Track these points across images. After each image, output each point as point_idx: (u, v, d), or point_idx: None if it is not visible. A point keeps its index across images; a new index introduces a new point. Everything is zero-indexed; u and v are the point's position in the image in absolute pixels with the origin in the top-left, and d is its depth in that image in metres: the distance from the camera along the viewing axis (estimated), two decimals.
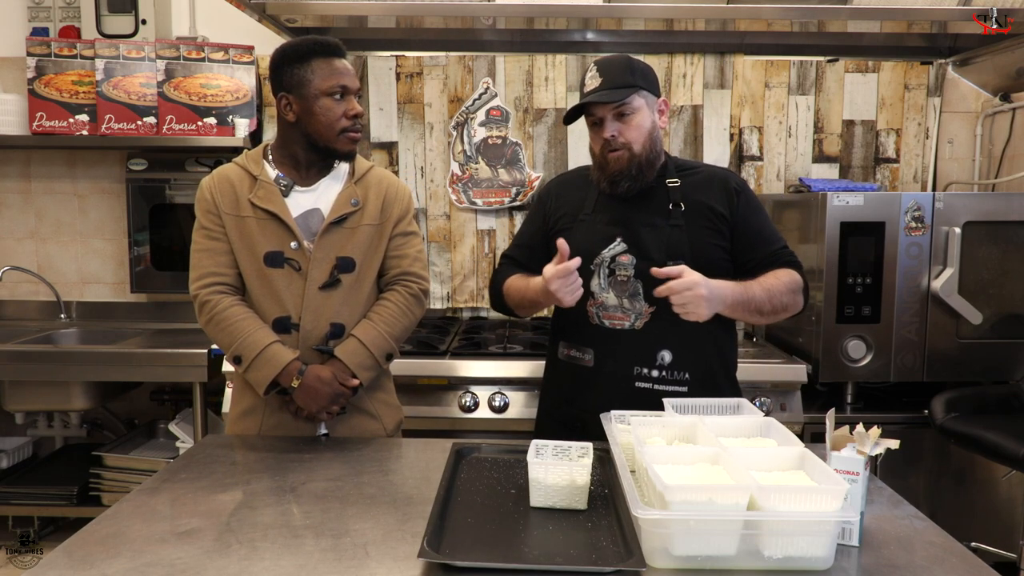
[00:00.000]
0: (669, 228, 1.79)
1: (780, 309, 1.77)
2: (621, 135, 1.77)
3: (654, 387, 1.78)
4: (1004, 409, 2.53)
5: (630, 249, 1.80)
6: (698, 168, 1.91)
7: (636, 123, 1.77)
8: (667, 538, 1.15)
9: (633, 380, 1.79)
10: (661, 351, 1.79)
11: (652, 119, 1.81)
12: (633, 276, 1.79)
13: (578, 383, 1.86)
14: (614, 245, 1.81)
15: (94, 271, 3.40)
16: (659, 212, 1.81)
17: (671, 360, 1.79)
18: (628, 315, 1.80)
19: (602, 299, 1.81)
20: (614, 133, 1.77)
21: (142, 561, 1.18)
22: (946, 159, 3.27)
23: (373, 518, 1.35)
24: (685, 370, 1.79)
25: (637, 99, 1.77)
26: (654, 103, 1.82)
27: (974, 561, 1.22)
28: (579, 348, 1.87)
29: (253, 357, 1.75)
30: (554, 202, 1.96)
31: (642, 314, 1.79)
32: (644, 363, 1.79)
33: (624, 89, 1.75)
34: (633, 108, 1.77)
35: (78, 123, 3.11)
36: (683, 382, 1.79)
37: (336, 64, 1.77)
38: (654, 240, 1.78)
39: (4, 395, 2.92)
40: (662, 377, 1.79)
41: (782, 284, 1.76)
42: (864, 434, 1.28)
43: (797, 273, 1.82)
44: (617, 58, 1.83)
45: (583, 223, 1.87)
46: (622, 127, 1.77)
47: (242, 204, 1.79)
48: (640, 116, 1.78)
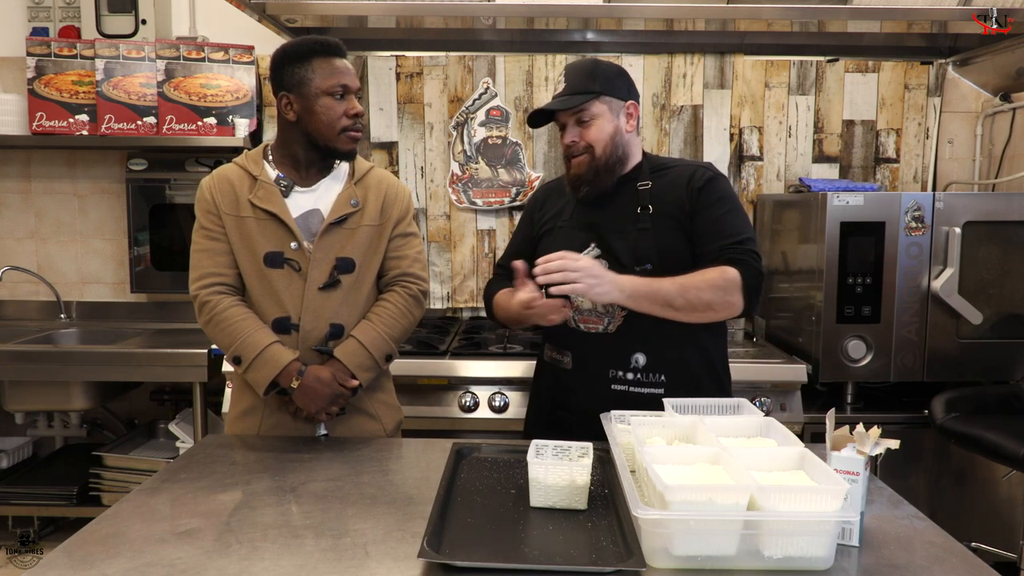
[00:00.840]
0: (636, 232, 1.78)
1: (701, 307, 1.68)
2: (581, 139, 1.80)
3: (629, 389, 1.79)
4: (1004, 409, 2.53)
5: (603, 254, 1.80)
6: (672, 166, 1.87)
7: (597, 127, 1.79)
8: (667, 538, 1.15)
9: (609, 382, 1.80)
10: (635, 354, 1.79)
11: (615, 124, 1.81)
12: None
13: (560, 385, 1.89)
14: (589, 251, 1.81)
15: (94, 271, 3.40)
16: (628, 217, 1.81)
17: (645, 362, 1.79)
18: (602, 319, 1.80)
19: (577, 303, 1.82)
20: (574, 139, 1.81)
21: (142, 561, 1.18)
22: (946, 159, 3.27)
23: (373, 518, 1.35)
24: (661, 372, 1.78)
25: (597, 105, 1.78)
26: (619, 107, 1.82)
27: (974, 561, 1.22)
28: (559, 351, 1.89)
29: (253, 357, 1.75)
30: (540, 209, 1.99)
31: (615, 317, 1.79)
32: (619, 366, 1.80)
33: (581, 96, 1.78)
34: (591, 114, 1.79)
35: (78, 123, 3.11)
36: (659, 384, 1.78)
37: (336, 63, 1.77)
38: (622, 245, 1.78)
39: (4, 395, 2.92)
40: (637, 379, 1.79)
41: (704, 281, 1.67)
42: (864, 434, 1.28)
43: (737, 271, 1.68)
44: (582, 64, 1.85)
45: (561, 229, 1.89)
46: (582, 132, 1.80)
47: (242, 204, 1.79)
48: (600, 121, 1.79)
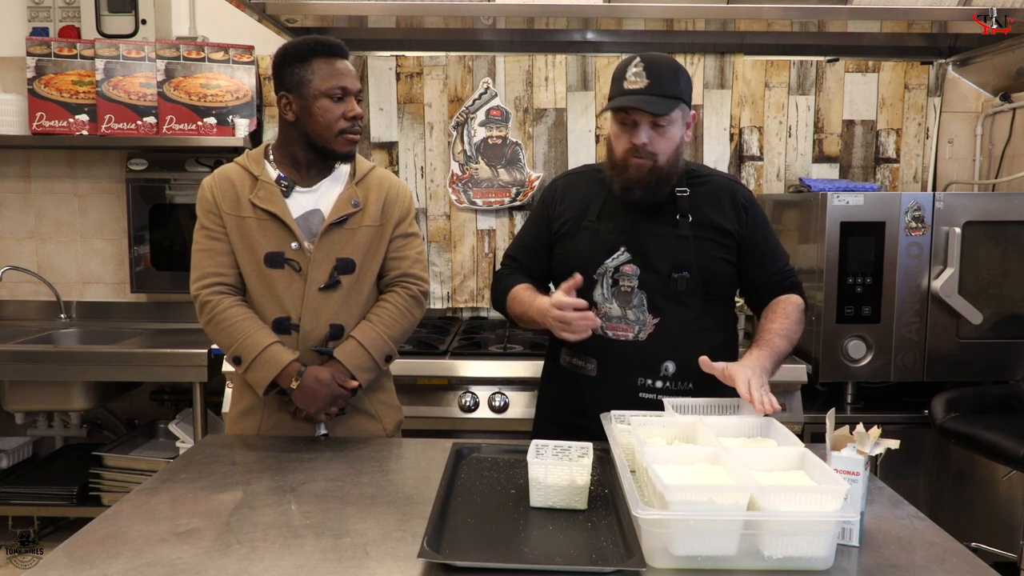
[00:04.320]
0: (676, 239, 1.75)
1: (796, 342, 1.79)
2: (652, 144, 1.69)
3: (658, 397, 1.74)
4: (1004, 409, 2.53)
5: (634, 259, 1.76)
6: (706, 176, 1.85)
7: (669, 136, 1.70)
8: (667, 538, 1.15)
9: (637, 391, 1.77)
10: (665, 362, 1.76)
11: (682, 132, 1.74)
12: (637, 287, 1.76)
13: (580, 391, 1.83)
14: (618, 255, 1.77)
15: (94, 271, 3.40)
16: (667, 222, 1.77)
17: (675, 370, 1.76)
18: (632, 326, 1.77)
19: (605, 310, 1.77)
20: (646, 141, 1.68)
21: (142, 561, 1.18)
22: (946, 159, 3.27)
23: (373, 518, 1.35)
24: (689, 380, 1.76)
25: (676, 112, 1.69)
26: (687, 115, 1.74)
27: (974, 561, 1.22)
28: (582, 357, 1.83)
29: (253, 358, 1.75)
30: (559, 204, 1.89)
31: (646, 325, 1.76)
32: (648, 374, 1.77)
33: (671, 100, 1.67)
34: (671, 120, 1.69)
35: (78, 123, 3.11)
36: (687, 392, 1.76)
37: (337, 65, 1.76)
38: (659, 251, 1.75)
39: (4, 395, 2.92)
40: (666, 388, 1.77)
41: (793, 323, 1.77)
42: (864, 434, 1.28)
43: (799, 297, 1.83)
44: (666, 61, 1.71)
45: (587, 230, 1.82)
46: (655, 136, 1.69)
47: (243, 204, 1.79)
48: (674, 129, 1.71)
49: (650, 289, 1.75)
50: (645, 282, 1.75)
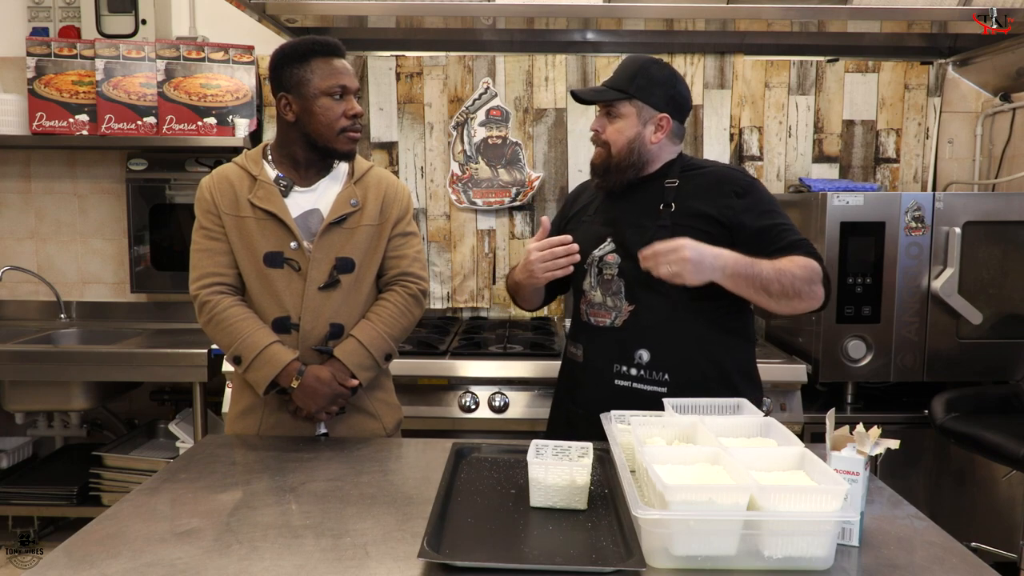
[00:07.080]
0: (655, 228, 1.76)
1: (793, 294, 1.65)
2: (604, 133, 1.82)
3: (633, 385, 1.79)
4: (1004, 409, 2.53)
5: (617, 249, 1.82)
6: (702, 167, 1.86)
7: (618, 127, 1.81)
8: (667, 538, 1.15)
9: (613, 377, 1.81)
10: (639, 350, 1.79)
11: (638, 130, 1.80)
12: (616, 275, 1.81)
13: (573, 379, 1.92)
14: (604, 245, 1.84)
15: (94, 271, 3.40)
16: (648, 213, 1.81)
17: (649, 359, 1.78)
18: (610, 312, 1.82)
19: (591, 297, 1.86)
20: (597, 128, 1.84)
21: (142, 561, 1.18)
22: (946, 159, 3.27)
23: (373, 518, 1.35)
24: (664, 371, 1.77)
25: (626, 106, 1.80)
26: (650, 116, 1.80)
27: (974, 561, 1.22)
28: (574, 344, 1.93)
29: (253, 357, 1.75)
30: (573, 202, 2.03)
31: (622, 312, 1.81)
32: (623, 361, 1.80)
33: (612, 92, 1.80)
34: (619, 113, 1.81)
35: (78, 123, 3.11)
36: (662, 383, 1.77)
37: (336, 64, 1.77)
38: (638, 240, 1.76)
39: (4, 395, 2.92)
40: (640, 376, 1.79)
41: (797, 267, 1.65)
42: (864, 434, 1.28)
43: (817, 263, 1.69)
44: (635, 61, 1.83)
45: (583, 224, 1.92)
46: (607, 125, 1.82)
47: (242, 204, 1.79)
48: (623, 123, 1.80)
49: (628, 277, 1.80)
50: (624, 270, 1.80)
